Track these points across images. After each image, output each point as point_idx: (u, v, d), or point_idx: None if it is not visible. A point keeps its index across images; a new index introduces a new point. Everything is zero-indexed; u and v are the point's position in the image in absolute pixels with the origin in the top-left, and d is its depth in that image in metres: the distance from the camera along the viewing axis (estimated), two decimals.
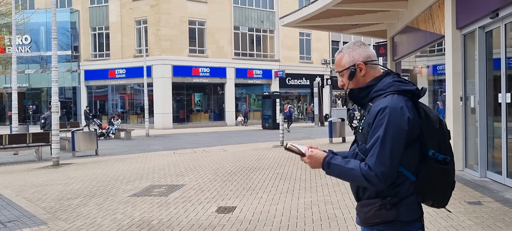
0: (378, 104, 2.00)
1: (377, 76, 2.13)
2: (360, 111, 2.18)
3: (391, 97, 1.99)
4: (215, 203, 6.93)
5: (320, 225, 5.58)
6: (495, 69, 7.84)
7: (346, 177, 2.05)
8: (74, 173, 10.80)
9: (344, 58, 2.17)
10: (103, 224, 5.90)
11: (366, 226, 2.09)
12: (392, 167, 1.92)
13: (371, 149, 1.95)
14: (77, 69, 35.18)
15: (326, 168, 2.07)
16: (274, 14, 37.73)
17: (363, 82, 2.13)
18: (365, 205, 2.07)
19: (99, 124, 23.85)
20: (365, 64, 2.13)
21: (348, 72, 2.14)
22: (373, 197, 2.04)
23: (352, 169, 1.99)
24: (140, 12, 32.82)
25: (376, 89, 2.08)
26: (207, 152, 14.80)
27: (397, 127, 1.92)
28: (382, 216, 2.00)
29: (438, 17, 9.95)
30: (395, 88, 2.03)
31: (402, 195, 2.01)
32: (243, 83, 36.55)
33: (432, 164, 2.00)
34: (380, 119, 1.94)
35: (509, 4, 6.86)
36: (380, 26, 15.67)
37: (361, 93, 2.14)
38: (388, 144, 1.91)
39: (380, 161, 1.91)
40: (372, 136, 1.96)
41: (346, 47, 2.19)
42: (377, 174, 1.91)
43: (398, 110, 1.94)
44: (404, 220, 2.00)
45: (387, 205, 2.00)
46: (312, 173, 9.53)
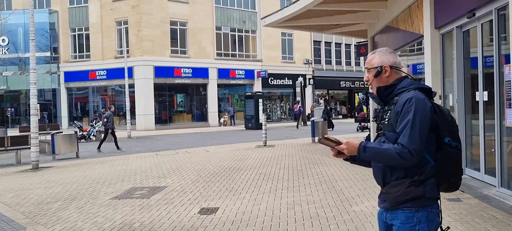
0: (404, 96, 2.36)
1: (399, 78, 2.51)
2: (382, 109, 2.54)
3: (415, 91, 2.37)
4: (197, 205, 6.90)
5: (303, 224, 5.61)
6: (472, 68, 7.98)
7: (381, 157, 2.36)
8: (54, 176, 10.64)
9: (375, 59, 2.54)
10: (83, 228, 5.82)
11: (394, 206, 2.38)
12: (421, 144, 2.27)
13: (402, 131, 2.29)
14: (56, 71, 34.64)
15: (362, 151, 2.38)
16: (256, 14, 37.75)
17: (386, 83, 2.50)
18: (395, 186, 2.38)
19: (80, 126, 23.52)
20: (391, 68, 2.50)
21: (375, 71, 2.51)
22: (402, 177, 2.37)
23: (387, 149, 2.31)
24: (120, 12, 32.49)
25: (399, 87, 2.45)
26: (189, 153, 14.73)
27: (423, 112, 2.29)
28: (412, 192, 2.33)
29: (417, 17, 10.09)
30: (416, 86, 2.42)
31: (427, 175, 2.35)
32: (225, 83, 36.48)
33: (448, 149, 2.35)
34: (408, 106, 2.30)
35: (485, 4, 6.99)
36: (360, 26, 15.81)
37: (386, 91, 2.48)
38: (417, 125, 2.26)
39: (411, 139, 2.25)
40: (402, 121, 2.31)
41: (379, 51, 2.57)
42: (410, 150, 2.25)
43: (422, 100, 2.33)
44: (429, 196, 2.35)
45: (416, 183, 2.33)
46: (294, 173, 9.57)
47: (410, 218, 2.34)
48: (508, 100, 6.33)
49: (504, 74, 6.49)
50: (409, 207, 2.34)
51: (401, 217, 2.36)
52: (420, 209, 2.34)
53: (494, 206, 6.00)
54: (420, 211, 2.34)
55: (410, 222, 2.34)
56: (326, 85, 43.88)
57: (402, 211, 2.36)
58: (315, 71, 41.52)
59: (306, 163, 11.02)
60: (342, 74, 44.60)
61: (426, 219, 2.34)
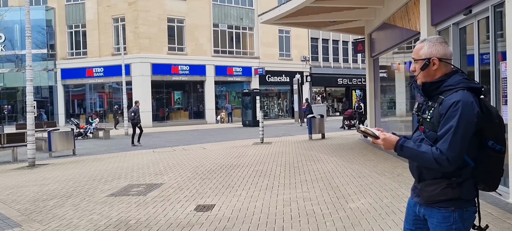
0: (451, 98, 2.24)
1: (448, 72, 2.36)
2: (425, 103, 2.43)
3: (462, 93, 2.24)
4: (194, 202, 6.89)
5: (299, 221, 5.60)
6: (468, 65, 7.98)
7: (417, 159, 2.30)
8: (50, 173, 10.61)
9: (423, 49, 2.40)
10: (79, 225, 5.81)
11: (429, 204, 2.35)
12: (460, 153, 2.19)
13: (443, 136, 2.21)
14: (53, 68, 34.53)
15: (398, 150, 2.32)
16: (253, 11, 37.71)
17: (434, 76, 2.37)
18: (431, 184, 2.34)
19: (77, 123, 23.47)
20: (440, 61, 2.35)
21: (422, 63, 2.38)
22: (439, 177, 2.31)
23: (424, 152, 2.24)
24: (117, 9, 32.40)
25: (446, 84, 2.32)
26: (186, 150, 14.72)
27: (468, 119, 2.18)
28: (448, 193, 2.29)
29: (414, 14, 10.09)
30: (465, 85, 2.28)
31: (465, 177, 2.29)
32: (222, 80, 36.45)
33: (490, 153, 2.27)
34: (454, 110, 2.20)
35: (481, 1, 6.99)
36: (358, 23, 15.82)
37: (432, 86, 2.37)
38: (460, 133, 2.17)
39: (451, 147, 2.17)
40: (445, 124, 2.22)
41: (429, 40, 2.41)
42: (448, 158, 2.18)
43: (469, 105, 2.20)
44: (465, 198, 2.30)
45: (454, 184, 2.28)
46: (291, 170, 9.57)
47: (446, 218, 2.31)
48: (504, 97, 6.33)
49: (500, 71, 6.50)
50: (445, 207, 2.30)
51: (437, 216, 2.33)
52: (456, 209, 2.30)
53: (490, 202, 6.01)
54: (456, 211, 2.30)
55: (446, 221, 2.31)
56: (324, 82, 43.88)
57: (437, 210, 2.33)
58: (312, 68, 41.51)
59: (302, 160, 11.02)
60: (339, 71, 44.61)
61: (462, 218, 2.31)
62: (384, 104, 14.77)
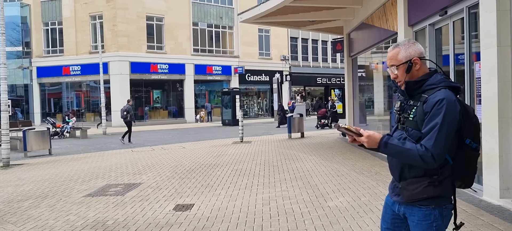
0: (435, 96, 2.28)
1: (428, 72, 2.41)
2: (407, 102, 2.44)
3: (446, 91, 2.29)
4: (173, 201, 6.85)
5: (278, 220, 5.62)
6: (444, 65, 8.13)
7: (402, 156, 2.30)
8: (25, 173, 10.40)
9: (400, 53, 2.41)
10: (55, 226, 5.71)
11: (409, 203, 2.37)
12: (445, 150, 2.24)
13: (428, 133, 2.24)
14: (28, 66, 33.83)
15: (383, 147, 2.31)
16: (233, 10, 37.65)
17: (416, 76, 2.39)
18: (412, 183, 2.36)
19: (53, 122, 23.05)
20: (420, 60, 2.39)
21: (406, 66, 2.39)
22: (420, 175, 2.34)
23: (409, 149, 2.25)
24: (95, 7, 31.92)
25: (428, 83, 2.36)
26: (165, 150, 14.61)
27: (452, 117, 2.24)
28: (430, 192, 2.32)
29: (391, 14, 10.23)
30: (446, 84, 2.34)
31: (445, 175, 2.34)
32: (202, 79, 36.30)
33: (468, 151, 2.33)
34: (438, 108, 2.23)
35: (456, 3, 7.13)
36: (336, 22, 15.96)
37: (415, 85, 2.38)
38: (444, 130, 2.21)
39: (437, 144, 2.21)
40: (430, 122, 2.25)
41: (402, 43, 2.44)
42: (433, 154, 2.21)
43: (453, 103, 2.26)
44: (445, 195, 2.36)
45: (435, 182, 2.32)
46: (270, 169, 9.59)
47: (427, 215, 2.34)
48: (478, 97, 6.48)
49: (475, 71, 6.64)
50: (426, 205, 2.34)
51: (418, 214, 2.36)
52: (436, 207, 2.34)
53: (464, 200, 6.14)
54: (436, 209, 2.34)
55: (427, 219, 2.34)
56: (303, 81, 44.12)
57: (418, 208, 2.35)
58: (292, 68, 41.69)
59: (282, 159, 11.06)
60: (318, 70, 44.92)
61: (442, 215, 2.36)
62: (362, 103, 14.93)
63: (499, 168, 5.83)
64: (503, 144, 5.81)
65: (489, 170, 6.04)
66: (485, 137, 6.10)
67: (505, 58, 5.76)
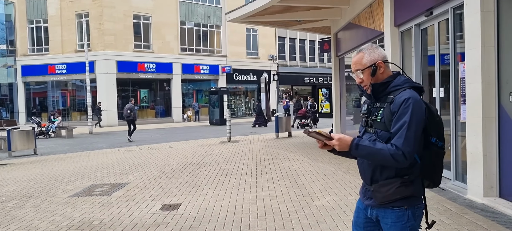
0: (402, 96, 2.32)
1: (392, 74, 2.46)
2: (373, 105, 2.48)
3: (411, 91, 2.34)
4: (159, 201, 6.82)
5: (265, 219, 5.63)
6: (429, 65, 8.22)
7: (374, 156, 2.31)
8: (9, 174, 10.26)
9: (365, 58, 2.45)
10: (40, 227, 5.64)
11: (383, 205, 2.38)
12: (414, 147, 2.26)
13: (397, 132, 2.26)
14: (13, 64, 33.36)
15: (354, 149, 2.31)
16: (220, 9, 37.58)
17: (381, 79, 2.44)
18: (385, 185, 2.37)
19: (38, 121, 22.77)
20: (384, 63, 2.44)
21: (371, 70, 2.43)
22: (392, 177, 2.36)
23: (380, 149, 2.27)
24: (81, 5, 31.61)
25: (393, 84, 2.41)
26: (152, 149, 14.53)
27: (419, 114, 2.27)
28: (403, 192, 2.33)
29: (378, 15, 10.30)
30: (410, 84, 2.39)
31: (415, 175, 2.36)
32: (190, 79, 36.17)
33: (434, 149, 2.37)
34: (405, 107, 2.27)
35: (442, 3, 7.21)
36: (324, 22, 16.01)
37: (381, 87, 2.42)
38: (413, 128, 2.25)
39: (407, 142, 2.23)
40: (398, 121, 2.28)
41: (365, 48, 2.47)
42: (404, 153, 2.23)
43: (419, 101, 2.30)
44: (417, 195, 2.38)
45: (407, 182, 2.34)
46: (257, 168, 9.60)
47: (400, 217, 2.35)
48: (462, 96, 6.56)
49: (459, 71, 6.73)
50: (399, 206, 2.35)
51: (391, 216, 2.37)
52: (409, 207, 2.36)
53: (449, 198, 6.21)
54: (409, 209, 2.36)
55: (401, 220, 2.35)
56: (290, 81, 44.22)
57: (391, 210, 2.36)
58: (279, 67, 41.75)
59: (269, 158, 11.08)
60: (306, 70, 45.06)
61: (414, 215, 2.37)
62: (349, 103, 15.01)
63: (483, 167, 5.91)
64: (487, 143, 5.89)
65: (473, 169, 6.12)
66: (470, 136, 6.18)
67: (489, 59, 5.84)
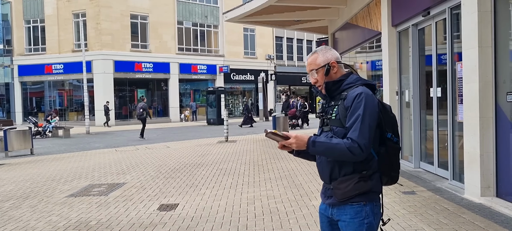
0: (354, 91, 2.37)
1: (345, 73, 2.54)
2: (328, 104, 2.55)
3: (363, 87, 2.40)
4: (157, 201, 6.81)
5: (262, 219, 5.63)
6: (427, 65, 8.23)
7: (331, 152, 2.32)
8: (6, 174, 10.23)
9: (319, 58, 2.52)
10: (37, 227, 5.62)
11: (342, 202, 2.39)
12: (370, 139, 2.29)
13: (352, 126, 2.30)
14: (10, 64, 33.26)
15: (311, 146, 2.33)
16: (218, 9, 37.56)
17: (335, 78, 2.50)
18: (343, 181, 2.39)
19: (35, 121, 22.71)
20: (337, 64, 2.51)
21: (324, 69, 2.50)
22: (350, 173, 2.38)
23: (337, 143, 2.30)
24: (78, 4, 31.53)
25: (346, 82, 2.47)
26: (150, 149, 14.51)
27: (372, 108, 2.33)
28: (361, 187, 2.36)
29: (375, 15, 10.31)
30: (362, 82, 2.46)
31: (372, 170, 2.40)
32: (187, 78, 36.13)
33: (390, 144, 2.42)
34: (358, 101, 2.32)
35: (439, 3, 7.22)
36: (321, 22, 16.02)
37: (334, 86, 2.49)
38: (367, 120, 2.29)
39: (362, 134, 2.27)
40: (352, 115, 2.32)
41: (320, 49, 2.55)
42: (360, 145, 2.26)
43: (371, 95, 2.36)
44: (375, 190, 2.41)
45: (365, 177, 2.37)
46: (255, 168, 9.60)
47: (359, 212, 2.36)
48: (460, 96, 6.57)
49: (457, 71, 6.74)
50: (357, 202, 2.37)
51: (350, 212, 2.38)
52: (367, 203, 2.38)
53: (446, 198, 6.22)
54: (367, 205, 2.37)
55: (359, 216, 2.36)
56: (288, 81, 44.22)
57: (350, 206, 2.38)
58: (276, 67, 41.76)
59: (266, 158, 11.07)
60: (303, 70, 44.98)
61: (373, 212, 2.39)
62: None
63: (480, 166, 5.92)
64: (484, 143, 5.90)
65: (471, 169, 6.13)
66: (467, 135, 6.20)
67: (486, 59, 5.85)
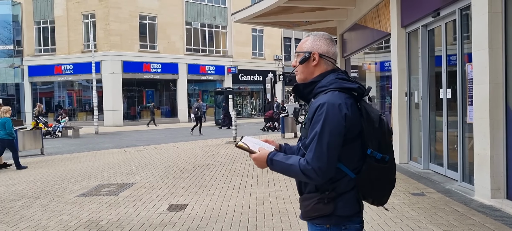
0: (317, 101, 2.02)
1: (322, 73, 2.14)
2: (303, 107, 2.21)
3: (331, 94, 2.01)
4: (166, 201, 6.85)
5: (272, 220, 5.65)
6: (436, 66, 8.21)
7: (288, 173, 2.06)
8: (17, 173, 10.34)
9: (306, 43, 2.19)
10: (48, 226, 5.69)
11: (306, 220, 2.15)
12: (329, 162, 1.94)
13: (309, 145, 1.98)
14: (20, 65, 33.57)
15: (269, 164, 2.11)
16: (226, 10, 37.62)
17: (313, 74, 2.15)
18: (306, 199, 2.12)
19: (45, 121, 22.89)
20: (320, 57, 2.14)
21: (302, 56, 2.16)
22: (313, 191, 2.08)
23: (291, 165, 2.01)
24: (87, 5, 31.75)
25: (319, 85, 2.10)
26: (159, 149, 14.58)
27: (335, 123, 1.94)
28: (320, 210, 2.04)
29: (384, 16, 10.29)
30: (337, 86, 2.05)
31: (340, 191, 2.04)
32: (195, 79, 36.23)
33: (371, 162, 2.02)
34: (319, 114, 1.97)
35: (449, 4, 7.20)
36: (330, 23, 16.01)
37: (306, 89, 2.16)
38: (325, 140, 1.93)
39: (317, 157, 1.94)
40: (311, 131, 1.98)
41: (315, 34, 2.21)
42: (314, 169, 1.94)
43: (336, 107, 1.96)
44: (341, 214, 2.05)
45: (325, 199, 2.03)
46: (264, 169, 9.59)
47: None
48: (470, 97, 6.54)
49: (467, 72, 6.71)
50: (320, 224, 2.07)
51: None
52: (331, 226, 2.06)
53: (456, 200, 6.20)
54: (331, 229, 2.06)
55: None
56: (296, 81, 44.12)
57: (314, 226, 2.11)
58: (285, 68, 41.74)
59: None
60: None
61: None
62: None
63: (490, 168, 5.90)
64: (494, 144, 5.88)
65: (481, 170, 6.10)
66: (477, 137, 6.17)
67: (497, 60, 5.82)
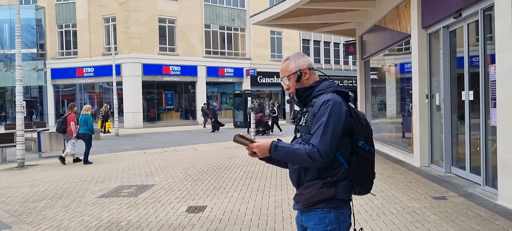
0: (322, 98, 2.37)
1: (318, 80, 2.55)
2: (300, 111, 2.56)
3: (332, 94, 2.40)
4: (185, 203, 6.88)
5: (291, 222, 5.62)
6: (458, 67, 8.06)
7: (291, 156, 2.34)
8: (40, 174, 10.53)
9: (290, 65, 2.54)
10: (69, 226, 5.77)
11: (307, 207, 2.39)
12: (331, 147, 2.27)
13: (315, 132, 2.30)
14: (43, 67, 34.25)
15: (273, 150, 2.37)
16: (245, 12, 37.71)
17: (307, 85, 2.52)
18: (308, 187, 2.39)
19: None
20: (309, 70, 2.53)
21: (295, 76, 2.51)
22: (314, 178, 2.38)
23: (297, 148, 2.31)
24: (108, 9, 32.22)
25: (317, 89, 2.48)
26: (178, 151, 14.68)
27: (338, 116, 2.30)
28: (324, 193, 2.34)
29: (405, 17, 10.17)
30: (334, 89, 2.46)
31: (339, 178, 2.37)
32: (214, 81, 36.40)
33: (362, 153, 2.38)
34: (324, 108, 2.31)
35: (471, 5, 7.07)
36: (349, 25, 15.90)
37: (305, 92, 2.50)
38: (330, 128, 2.27)
39: (322, 141, 2.26)
40: (317, 122, 2.31)
41: (292, 56, 2.58)
42: (319, 151, 2.25)
43: (339, 104, 2.34)
44: (340, 198, 2.37)
45: (328, 184, 2.35)
46: (283, 172, 9.58)
47: (322, 219, 2.35)
48: (493, 99, 6.41)
49: (490, 74, 6.57)
50: (321, 208, 2.35)
51: (314, 218, 2.37)
52: (332, 210, 2.35)
53: (479, 204, 6.08)
54: (331, 212, 2.35)
55: (322, 223, 2.35)
56: None
57: (315, 212, 2.36)
58: None
59: None
60: (330, 73, 44.69)
61: (337, 219, 2.36)
62: (374, 106, 14.85)
63: None
64: None
65: (504, 174, 5.96)
66: (500, 140, 6.03)
67: None
